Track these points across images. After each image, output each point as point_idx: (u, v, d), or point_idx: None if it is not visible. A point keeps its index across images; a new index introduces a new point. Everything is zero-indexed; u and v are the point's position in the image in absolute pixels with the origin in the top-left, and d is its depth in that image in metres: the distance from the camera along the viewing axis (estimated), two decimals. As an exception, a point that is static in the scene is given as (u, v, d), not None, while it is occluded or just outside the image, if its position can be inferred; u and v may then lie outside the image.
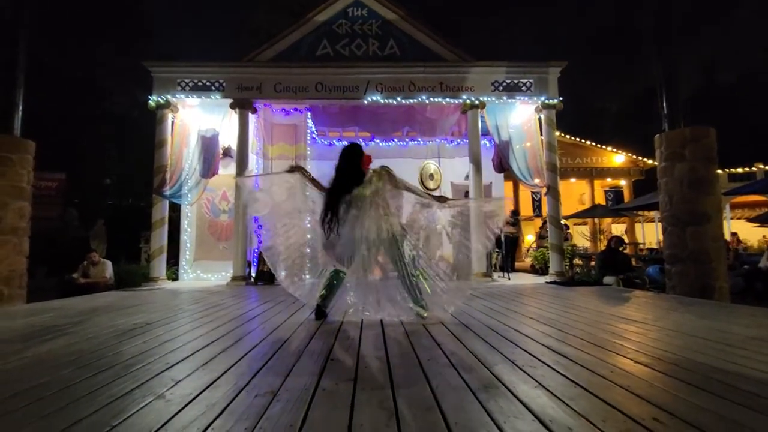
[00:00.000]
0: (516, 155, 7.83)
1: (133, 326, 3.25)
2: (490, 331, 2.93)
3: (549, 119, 7.70)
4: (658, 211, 10.32)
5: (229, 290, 6.29)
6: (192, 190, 7.60)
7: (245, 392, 1.74)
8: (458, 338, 2.70)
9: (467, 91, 7.70)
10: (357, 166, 3.38)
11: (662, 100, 6.48)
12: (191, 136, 7.74)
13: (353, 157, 3.43)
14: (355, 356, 2.28)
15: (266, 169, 8.39)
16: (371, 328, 3.10)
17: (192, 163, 7.61)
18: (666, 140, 6.24)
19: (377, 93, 7.65)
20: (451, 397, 1.66)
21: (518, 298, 4.95)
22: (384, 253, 3.37)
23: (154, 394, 1.72)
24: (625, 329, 3.00)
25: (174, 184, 7.48)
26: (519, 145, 7.89)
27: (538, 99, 7.69)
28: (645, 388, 1.75)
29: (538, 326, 3.11)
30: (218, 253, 8.24)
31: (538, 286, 6.67)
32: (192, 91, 7.60)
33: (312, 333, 2.93)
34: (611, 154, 15.35)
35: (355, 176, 3.37)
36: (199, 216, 8.39)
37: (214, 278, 8.10)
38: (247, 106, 7.64)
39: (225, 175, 8.01)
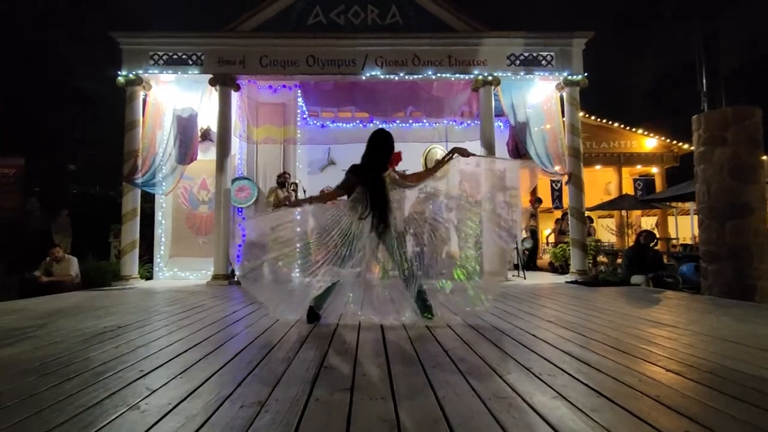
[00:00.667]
0: (534, 139, 7.81)
1: (103, 330, 3.27)
2: (504, 336, 2.95)
3: (572, 98, 7.67)
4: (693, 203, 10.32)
5: (209, 290, 6.32)
6: (167, 178, 7.59)
7: (229, 402, 1.76)
8: (467, 343, 2.72)
9: (479, 65, 7.67)
10: (381, 160, 3.41)
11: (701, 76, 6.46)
12: (166, 117, 7.72)
13: (381, 148, 3.45)
14: (351, 363, 2.30)
15: (250, 154, 8.38)
16: (370, 331, 3.12)
17: (167, 148, 7.60)
18: (705, 121, 6.23)
19: (377, 68, 7.61)
20: (460, 408, 1.68)
21: (535, 299, 4.97)
22: (384, 249, 3.39)
23: (127, 405, 1.74)
24: (654, 334, 3.02)
25: (147, 171, 7.48)
26: (538, 127, 7.87)
27: (560, 75, 7.66)
28: (676, 399, 1.77)
29: (557, 330, 3.13)
30: (197, 249, 8.25)
31: (558, 286, 6.68)
32: (166, 66, 7.57)
33: (304, 337, 2.95)
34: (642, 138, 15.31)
35: (380, 167, 3.42)
36: (175, 207, 8.40)
37: (192, 277, 8.12)
38: (228, 83, 7.61)
39: (204, 160, 8.00)
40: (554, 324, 3.41)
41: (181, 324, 3.54)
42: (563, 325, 3.33)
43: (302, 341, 2.84)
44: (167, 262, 8.29)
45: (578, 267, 7.48)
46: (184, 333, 3.15)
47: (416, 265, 3.47)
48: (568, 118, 7.70)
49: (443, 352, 2.52)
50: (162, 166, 7.58)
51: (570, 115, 7.69)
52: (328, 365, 2.27)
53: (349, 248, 3.28)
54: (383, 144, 3.48)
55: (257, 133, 8.37)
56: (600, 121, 14.99)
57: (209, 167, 7.80)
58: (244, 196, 8.17)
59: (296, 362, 2.33)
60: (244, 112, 8.13)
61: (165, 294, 5.91)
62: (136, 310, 4.34)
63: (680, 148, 15.21)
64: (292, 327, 3.32)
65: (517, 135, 7.96)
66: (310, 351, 2.57)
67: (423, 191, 3.80)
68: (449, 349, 2.58)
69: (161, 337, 3.05)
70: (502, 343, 2.74)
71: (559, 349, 2.58)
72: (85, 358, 2.46)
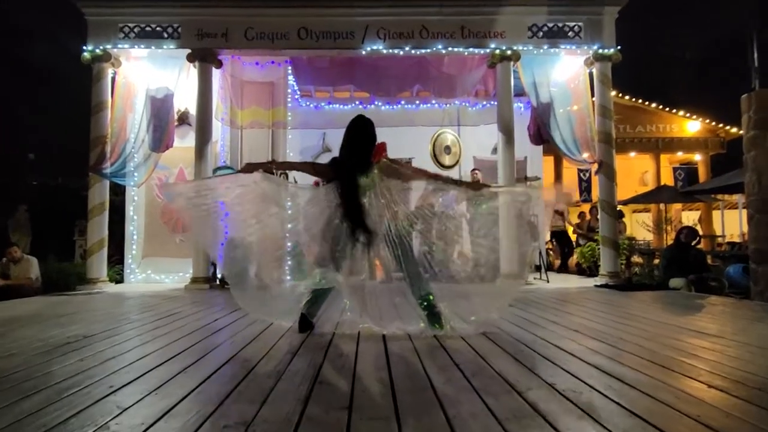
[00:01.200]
0: (559, 122, 7.78)
1: (67, 340, 3.29)
2: (523, 347, 2.96)
3: (603, 75, 7.63)
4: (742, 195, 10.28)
5: (188, 295, 6.35)
6: (139, 168, 7.61)
7: (210, 423, 1.76)
8: (482, 356, 2.73)
9: (496, 37, 7.63)
10: (364, 150, 3.38)
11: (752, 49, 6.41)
12: (138, 98, 7.73)
13: (359, 140, 3.42)
14: (350, 378, 2.31)
15: (234, 140, 8.38)
16: (370, 342, 3.13)
17: (139, 133, 7.60)
18: (757, 101, 6.19)
19: (379, 41, 7.59)
20: (473, 429, 1.68)
21: (559, 305, 4.97)
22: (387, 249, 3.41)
23: (95, 425, 1.75)
24: (695, 345, 3.02)
25: (116, 160, 7.49)
26: (563, 108, 7.84)
27: (589, 48, 7.62)
28: (720, 419, 1.77)
29: (584, 341, 3.13)
30: (174, 248, 8.28)
31: (585, 290, 6.68)
32: (138, 39, 7.56)
33: (295, 348, 2.97)
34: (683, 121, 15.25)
35: (360, 162, 3.39)
36: (149, 201, 8.42)
37: (169, 280, 8.16)
38: (209, 59, 7.61)
39: (182, 147, 8.00)
40: (581, 334, 3.41)
41: (155, 333, 3.55)
42: (591, 335, 3.33)
43: (293, 353, 2.85)
44: (140, 264, 8.32)
45: (609, 269, 7.47)
46: (160, 344, 3.17)
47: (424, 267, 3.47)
48: (598, 98, 7.66)
49: (454, 365, 2.53)
50: (134, 154, 7.59)
51: (600, 95, 7.65)
52: (323, 380, 2.28)
53: (342, 246, 3.29)
54: (361, 133, 3.43)
55: (242, 116, 8.36)
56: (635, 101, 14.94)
57: (187, 155, 7.80)
58: (227, 188, 8.17)
59: (287, 377, 2.34)
60: (226, 93, 8.12)
61: (137, 299, 5.93)
62: (104, 318, 4.36)
63: (727, 133, 15.15)
64: (281, 337, 3.33)
65: (539, 118, 7.93)
66: (302, 364, 2.58)
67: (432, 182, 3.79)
68: (461, 362, 2.59)
69: (133, 348, 3.06)
70: (521, 355, 2.75)
71: (587, 362, 2.58)
72: (46, 372, 2.48)
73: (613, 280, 7.26)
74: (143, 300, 5.85)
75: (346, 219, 3.27)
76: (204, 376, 2.35)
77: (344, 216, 3.28)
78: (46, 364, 2.63)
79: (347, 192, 3.31)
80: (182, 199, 3.65)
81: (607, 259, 7.54)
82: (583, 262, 9.23)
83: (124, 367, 2.56)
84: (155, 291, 6.92)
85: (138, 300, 5.89)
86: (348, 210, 3.27)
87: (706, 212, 15.47)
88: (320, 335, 3.39)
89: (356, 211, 3.28)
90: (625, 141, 14.69)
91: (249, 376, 2.37)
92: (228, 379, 2.33)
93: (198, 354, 2.86)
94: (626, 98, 14.73)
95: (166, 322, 4.10)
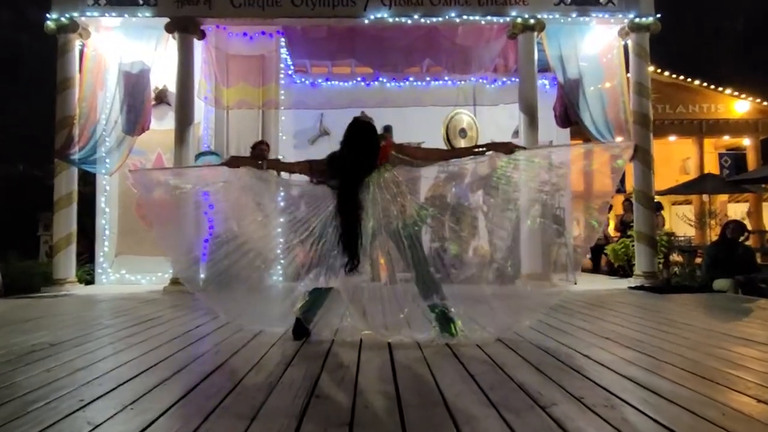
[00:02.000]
0: (589, 101, 7.74)
1: (32, 348, 3.30)
2: (547, 357, 2.96)
3: (639, 48, 7.58)
4: (798, 185, 10.22)
5: (167, 298, 6.38)
6: (112, 153, 7.61)
7: (194, 441, 1.78)
8: (500, 366, 2.73)
9: (518, 4, 7.58)
10: (367, 163, 3.41)
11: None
12: (109, 74, 7.71)
13: (363, 148, 3.42)
14: (350, 391, 2.31)
15: (219, 122, 8.39)
16: (374, 350, 3.14)
17: (111, 113, 7.60)
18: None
19: (383, 8, 7.56)
20: (490, 449, 1.69)
21: (588, 309, 4.97)
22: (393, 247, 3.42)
23: (64, 443, 1.76)
24: (743, 355, 3.01)
25: (85, 144, 7.50)
26: (594, 86, 7.79)
27: (624, 17, 7.56)
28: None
29: (616, 350, 3.13)
30: (152, 246, 8.28)
31: (618, 292, 6.67)
32: (109, 6, 7.55)
33: (289, 358, 2.97)
34: (730, 100, 15.14)
35: (361, 177, 3.42)
36: (123, 191, 8.42)
37: (146, 281, 8.18)
38: (190, 29, 7.59)
39: (159, 131, 8.00)
40: (613, 342, 3.40)
41: (130, 341, 3.57)
42: (625, 344, 3.33)
43: (287, 363, 2.85)
44: (113, 262, 8.33)
45: (645, 268, 7.45)
46: (135, 352, 3.18)
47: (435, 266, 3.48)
48: (634, 75, 7.61)
49: (469, 377, 2.53)
50: (105, 138, 7.59)
51: (637, 71, 7.60)
52: (321, 394, 2.29)
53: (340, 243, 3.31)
54: (366, 142, 3.43)
55: (228, 94, 8.36)
56: (675, 77, 14.83)
57: (166, 139, 7.80)
58: (211, 177, 8.18)
59: (279, 390, 2.34)
60: (211, 68, 8.11)
61: (110, 303, 5.97)
62: (73, 323, 4.38)
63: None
64: (273, 345, 3.34)
65: (566, 96, 7.88)
66: (297, 375, 2.59)
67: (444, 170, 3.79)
68: (477, 373, 2.59)
69: (106, 357, 3.08)
70: (545, 366, 2.74)
71: (620, 373, 2.58)
72: (9, 383, 2.49)
73: (649, 282, 7.25)
74: (117, 303, 5.88)
75: (343, 238, 3.29)
76: (185, 390, 2.36)
77: (342, 235, 3.30)
78: (9, 375, 2.64)
79: (345, 208, 3.31)
80: (161, 189, 3.65)
81: (643, 258, 7.52)
82: (615, 260, 9.20)
83: (95, 378, 2.58)
84: (130, 293, 6.95)
85: (111, 303, 5.92)
86: (344, 232, 3.29)
87: (756, 204, 15.38)
88: (317, 343, 3.40)
89: (352, 232, 3.29)
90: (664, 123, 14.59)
91: (236, 389, 2.37)
92: (212, 392, 2.33)
93: (178, 364, 2.87)
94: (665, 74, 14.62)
95: (142, 328, 4.11)
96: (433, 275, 3.44)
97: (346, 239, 3.28)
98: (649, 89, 7.64)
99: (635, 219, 7.70)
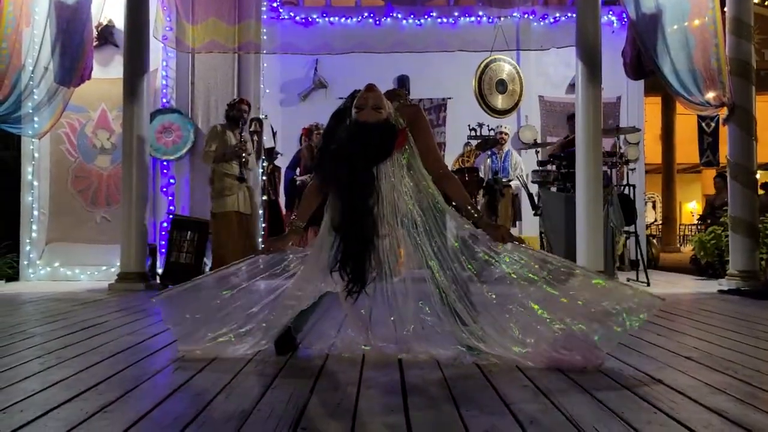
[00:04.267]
0: (670, 45, 7.63)
1: (-63, 361, 3.32)
2: (605, 380, 2.93)
3: (739, -30, 7.46)
4: None
5: (114, 298, 6.38)
6: (41, 109, 7.64)
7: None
8: (544, 392, 2.70)
9: None
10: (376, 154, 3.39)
11: None
12: (38, 6, 7.74)
13: (377, 146, 3.37)
14: (347, 422, 2.30)
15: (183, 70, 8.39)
16: (380, 369, 3.13)
17: (40, 58, 7.62)
18: None
19: None
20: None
21: (664, 319, 4.93)
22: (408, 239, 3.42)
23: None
24: None
25: (6, 98, 7.50)
26: (677, 24, 7.68)
27: (719, -72, 7.44)
28: None
29: (699, 373, 3.09)
30: (93, 230, 8.34)
31: (705, 297, 6.62)
32: None
33: (269, 378, 2.96)
34: None
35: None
36: (56, 159, 8.46)
37: (85, 276, 8.25)
38: (145, -53, 7.56)
39: (104, 80, 8.03)
40: (695, 362, 3.36)
41: (64, 355, 3.55)
42: (712, 365, 3.29)
43: (266, 385, 2.84)
44: (43, 252, 8.40)
45: (741, 266, 7.38)
46: (70, 369, 3.16)
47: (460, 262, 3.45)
48: (731, 8, 7.49)
49: (503, 405, 2.51)
50: (33, 89, 7.62)
51: (735, 3, 7.47)
52: (309, 425, 2.27)
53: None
54: (380, 142, 3.38)
55: (195, 33, 8.35)
56: (788, 13, 14.62)
57: (112, 91, 7.83)
58: (171, 141, 8.20)
59: (255, 420, 2.33)
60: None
61: (39, 304, 5.98)
62: (-9, 330, 4.40)
63: None
64: (250, 361, 3.33)
65: (640, 38, 7.78)
66: (279, 401, 2.57)
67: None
68: (513, 401, 2.57)
69: (32, 375, 3.07)
70: (602, 393, 2.71)
71: (703, 404, 2.55)
72: None
73: (746, 284, 7.17)
74: (47, 305, 5.89)
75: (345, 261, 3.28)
76: (133, 418, 2.35)
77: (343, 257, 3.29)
78: None
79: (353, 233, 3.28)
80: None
81: (739, 252, 7.44)
82: (702, 255, 9.13)
83: (16, 403, 2.56)
84: (65, 292, 6.95)
85: (40, 305, 5.93)
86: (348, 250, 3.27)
87: None
88: (307, 359, 3.39)
89: (359, 252, 3.27)
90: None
91: (200, 418, 2.36)
92: (169, 421, 2.32)
93: (125, 385, 2.85)
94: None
95: (80, 337, 4.10)
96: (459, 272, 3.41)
97: (350, 258, 3.26)
98: (752, 28, 7.52)
99: (730, 201, 7.61)
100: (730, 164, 7.54)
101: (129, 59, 7.53)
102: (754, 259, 7.46)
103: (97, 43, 8.05)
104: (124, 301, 6.17)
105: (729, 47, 7.46)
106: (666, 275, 9.47)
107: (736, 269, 7.41)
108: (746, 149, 7.46)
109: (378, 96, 3.32)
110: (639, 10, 7.66)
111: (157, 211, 8.09)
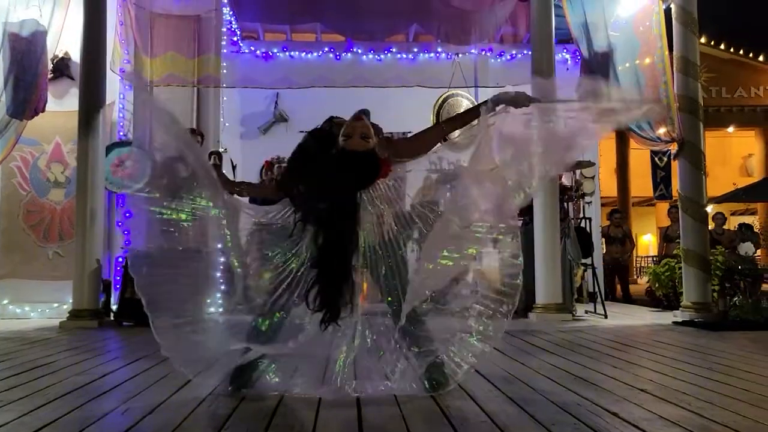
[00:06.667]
0: (622, 82, 7.81)
1: None
2: (563, 415, 2.93)
3: (685, 14, 7.66)
4: None
5: (65, 337, 6.26)
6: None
7: None
8: (501, 429, 2.69)
9: (531, -45, 7.64)
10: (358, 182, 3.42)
11: None
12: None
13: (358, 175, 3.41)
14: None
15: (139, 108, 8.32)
16: (336, 408, 3.10)
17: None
18: None
19: (357, -43, 7.57)
20: None
21: (620, 352, 4.97)
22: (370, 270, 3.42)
23: None
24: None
25: (-44, 130, 7.41)
26: (629, 62, 7.87)
27: (666, -28, 7.66)
28: None
29: (654, 406, 3.11)
30: (45, 266, 8.20)
31: (660, 329, 6.70)
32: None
33: (222, 420, 2.91)
34: (803, 82, 15.42)
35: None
36: (7, 193, 8.34)
37: (35, 314, 8.10)
38: (102, -22, 7.54)
39: (58, 113, 7.97)
40: (650, 395, 3.39)
41: (7, 397, 3.46)
42: (666, 397, 3.31)
43: (218, 427, 2.79)
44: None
45: (694, 298, 7.49)
46: (13, 413, 3.08)
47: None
48: (678, 48, 7.69)
49: (460, 443, 2.49)
50: (-18, 122, 7.51)
51: (682, 43, 7.66)
52: (261, 468, 2.23)
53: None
54: (368, 171, 3.44)
55: (153, 66, 8.33)
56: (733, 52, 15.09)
57: (68, 123, 7.75)
58: (128, 174, 8.10)
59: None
60: (128, 30, 8.08)
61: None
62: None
63: None
64: (202, 402, 3.27)
65: (593, 75, 7.94)
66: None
67: (435, 167, 3.80)
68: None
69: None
70: (561, 427, 2.71)
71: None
72: None
73: (700, 315, 7.27)
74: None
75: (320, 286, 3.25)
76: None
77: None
78: None
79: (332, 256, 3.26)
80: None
81: (692, 284, 7.55)
82: (657, 287, 9.25)
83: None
84: (14, 331, 6.83)
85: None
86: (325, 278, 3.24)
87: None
88: (260, 399, 3.33)
89: (336, 282, 3.23)
90: (720, 111, 14.85)
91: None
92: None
93: (71, 429, 2.79)
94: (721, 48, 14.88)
95: (25, 378, 4.00)
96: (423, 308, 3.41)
97: (327, 286, 3.23)
98: (699, 68, 7.72)
99: (682, 234, 7.74)
100: (681, 198, 7.70)
101: (85, 92, 7.46)
102: (707, 290, 7.58)
103: (53, 75, 7.97)
104: (75, 339, 6.04)
105: (677, 85, 7.65)
106: (622, 307, 9.57)
107: (689, 301, 7.52)
108: (696, 183, 7.62)
109: (366, 126, 3.40)
110: (591, 49, 7.84)
111: (113, 246, 7.96)
